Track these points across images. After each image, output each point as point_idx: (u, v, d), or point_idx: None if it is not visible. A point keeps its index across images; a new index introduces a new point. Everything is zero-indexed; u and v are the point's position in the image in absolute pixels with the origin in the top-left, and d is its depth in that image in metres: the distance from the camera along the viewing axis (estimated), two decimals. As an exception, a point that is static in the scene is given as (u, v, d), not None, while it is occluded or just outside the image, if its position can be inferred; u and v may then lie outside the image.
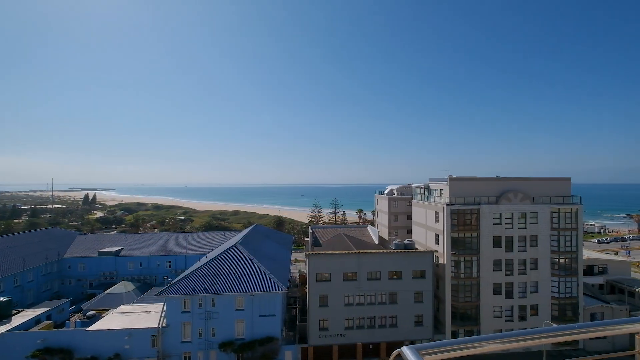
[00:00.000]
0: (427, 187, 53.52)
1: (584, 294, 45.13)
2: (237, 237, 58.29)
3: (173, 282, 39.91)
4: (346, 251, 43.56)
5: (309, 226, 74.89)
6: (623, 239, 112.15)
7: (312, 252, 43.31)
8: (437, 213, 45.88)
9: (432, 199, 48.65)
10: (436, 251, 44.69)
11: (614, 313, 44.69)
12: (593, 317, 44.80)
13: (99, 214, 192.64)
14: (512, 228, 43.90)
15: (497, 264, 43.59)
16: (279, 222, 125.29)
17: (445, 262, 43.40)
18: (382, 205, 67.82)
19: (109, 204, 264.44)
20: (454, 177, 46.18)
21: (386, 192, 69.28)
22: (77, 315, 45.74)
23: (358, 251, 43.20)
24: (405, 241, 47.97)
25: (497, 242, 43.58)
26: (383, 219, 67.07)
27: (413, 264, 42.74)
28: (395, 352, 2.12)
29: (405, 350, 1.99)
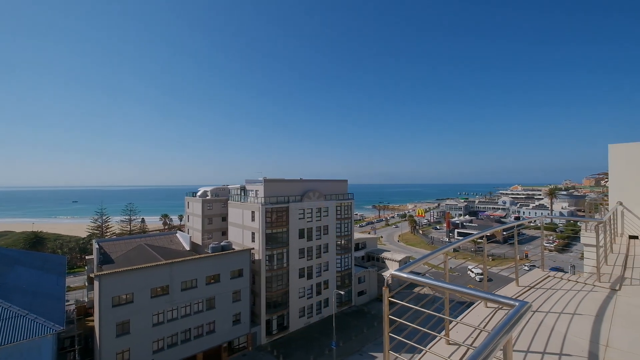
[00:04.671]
0: (243, 189, 55.02)
1: (355, 264, 61.12)
2: (-51, 272, 36.37)
3: None
4: (154, 263, 37.23)
5: (93, 240, 58.07)
6: (372, 223, 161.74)
7: (102, 272, 33.89)
8: (253, 212, 48.07)
9: (248, 200, 50.47)
10: (253, 248, 46.71)
11: (370, 275, 63.39)
12: (359, 280, 61.49)
13: None
14: (312, 221, 52.90)
15: (301, 252, 51.10)
16: (36, 241, 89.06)
17: (260, 258, 46.15)
18: (195, 208, 63.25)
19: None
20: (268, 178, 50.14)
21: (199, 194, 65.19)
22: None
23: (170, 261, 38.03)
24: (222, 243, 47.01)
25: (301, 234, 51.14)
26: (196, 223, 62.63)
27: (231, 264, 42.62)
28: (387, 277, 3.06)
29: (396, 272, 2.62)
